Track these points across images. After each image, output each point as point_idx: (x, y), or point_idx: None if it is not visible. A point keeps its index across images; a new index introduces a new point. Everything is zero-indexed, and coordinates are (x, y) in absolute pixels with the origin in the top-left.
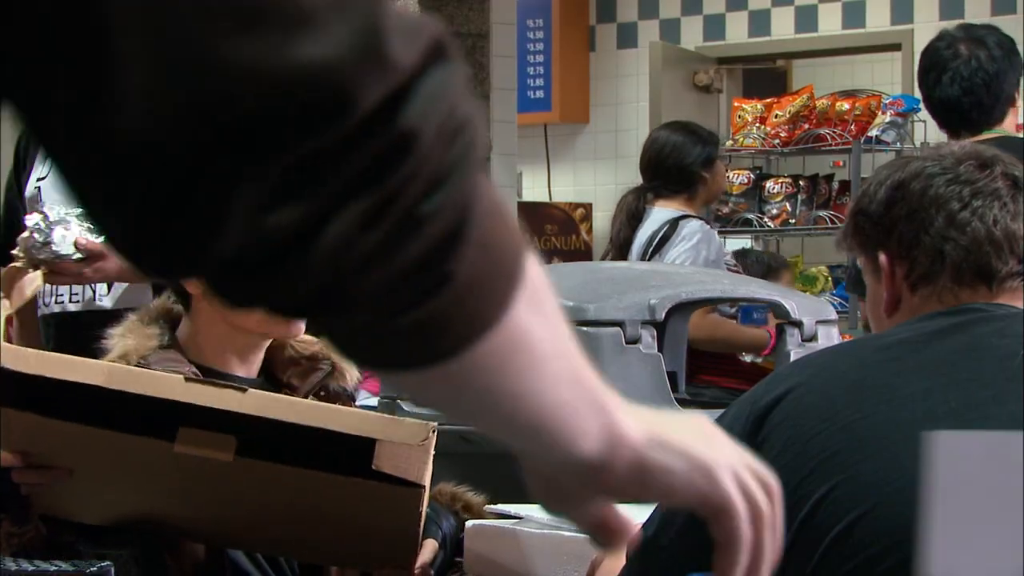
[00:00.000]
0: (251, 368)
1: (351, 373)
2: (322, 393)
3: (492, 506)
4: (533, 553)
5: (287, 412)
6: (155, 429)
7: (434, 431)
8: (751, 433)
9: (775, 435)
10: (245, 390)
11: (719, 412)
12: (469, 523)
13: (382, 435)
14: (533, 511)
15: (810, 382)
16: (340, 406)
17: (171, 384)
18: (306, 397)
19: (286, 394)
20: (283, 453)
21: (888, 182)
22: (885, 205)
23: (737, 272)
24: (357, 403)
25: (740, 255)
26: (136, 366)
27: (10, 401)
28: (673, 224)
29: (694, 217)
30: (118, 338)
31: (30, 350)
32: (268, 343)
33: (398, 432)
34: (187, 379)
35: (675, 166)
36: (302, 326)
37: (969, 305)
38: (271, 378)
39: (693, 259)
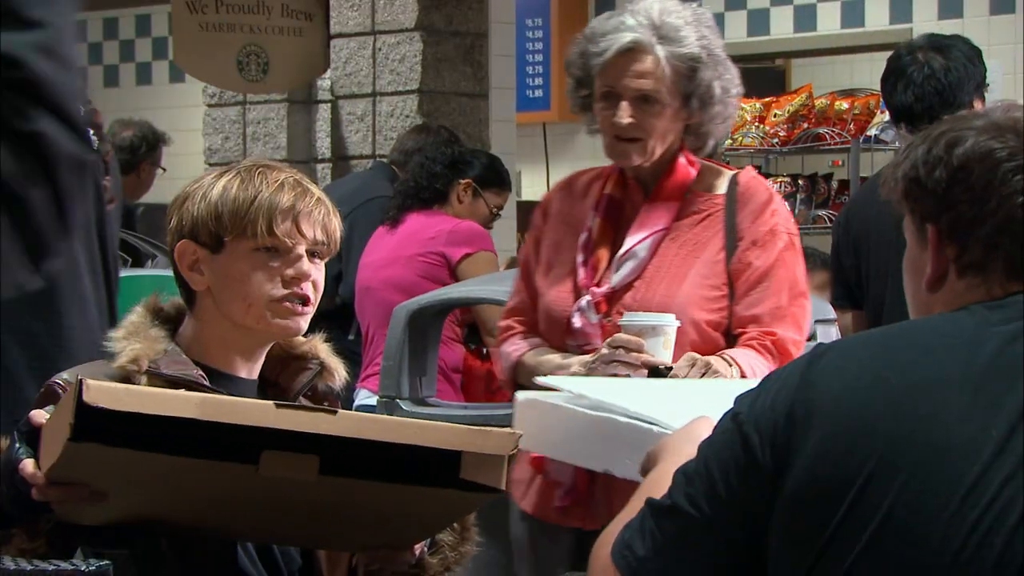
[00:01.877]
0: (253, 370)
1: (339, 373)
2: (309, 393)
3: (543, 378)
4: (586, 433)
5: (379, 432)
6: (232, 453)
7: (519, 441)
8: (790, 414)
9: (814, 429)
10: (335, 412)
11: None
12: (520, 394)
13: (471, 447)
14: (585, 387)
15: (852, 381)
16: (425, 421)
17: (263, 411)
18: (295, 397)
19: (274, 394)
20: (358, 466)
21: (949, 159)
22: (946, 184)
23: None
24: (357, 403)
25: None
26: (147, 371)
27: (88, 437)
28: None
29: None
30: (121, 342)
31: (119, 385)
32: (271, 345)
33: (487, 443)
34: (278, 405)
35: None
36: (303, 325)
37: (1017, 298)
38: (260, 378)
39: None
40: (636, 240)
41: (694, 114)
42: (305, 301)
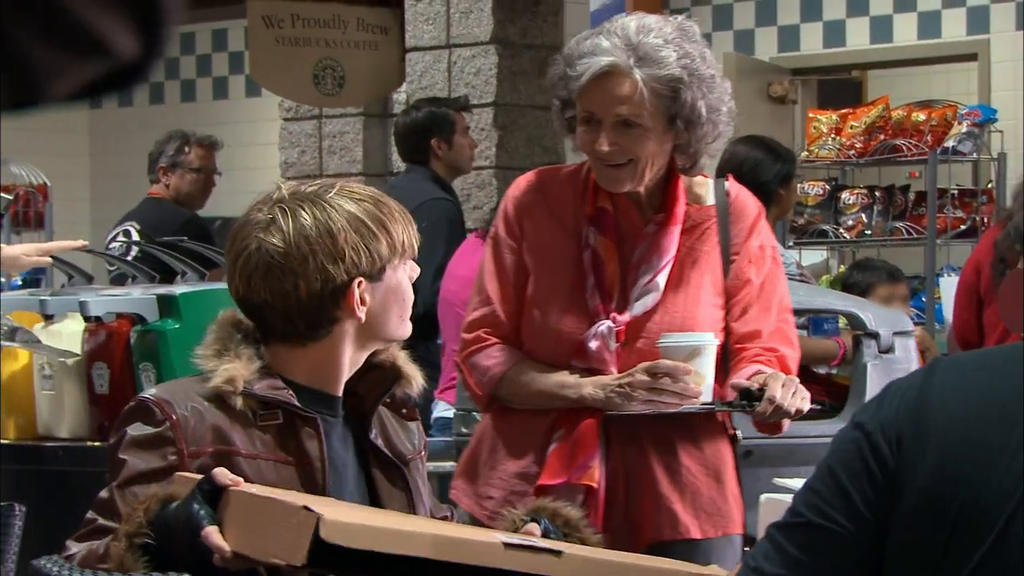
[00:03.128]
0: (341, 385)
1: (416, 381)
2: (388, 400)
3: (781, 480)
4: None
5: (606, 574)
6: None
7: None
8: (907, 429)
9: (929, 447)
10: (559, 554)
11: (797, 423)
12: (763, 496)
13: None
14: None
15: (966, 400)
16: (645, 561)
17: (492, 552)
18: (374, 406)
19: (353, 404)
20: None
21: None
22: None
23: (807, 282)
24: (435, 414)
25: (860, 265)
26: (242, 393)
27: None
28: None
29: None
30: (212, 360)
31: (353, 521)
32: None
33: None
34: (506, 546)
35: (751, 184)
36: (409, 328)
37: None
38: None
39: None
40: (655, 270)
41: (680, 135)
42: None
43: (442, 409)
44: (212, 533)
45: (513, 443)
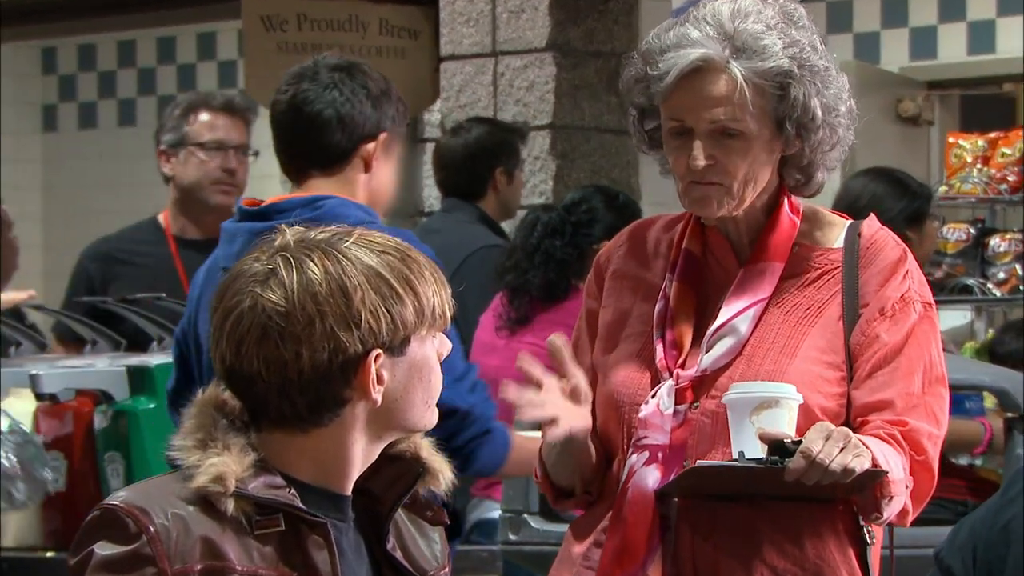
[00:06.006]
0: (351, 483)
1: (444, 475)
2: (408, 502)
3: None
4: None
5: None
6: None
7: None
8: (992, 535)
9: (1014, 546)
10: None
11: (926, 529)
12: None
13: None
14: None
15: None
16: None
17: None
18: (393, 507)
19: (365, 504)
20: None
21: None
22: None
23: (945, 350)
24: (476, 516)
25: (1013, 329)
26: (235, 494)
27: None
28: None
29: None
30: (193, 453)
31: None
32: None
33: None
34: None
35: None
36: (435, 416)
37: None
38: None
39: None
40: (734, 312)
41: (791, 143)
42: None
43: (487, 510)
44: None
45: (577, 529)
